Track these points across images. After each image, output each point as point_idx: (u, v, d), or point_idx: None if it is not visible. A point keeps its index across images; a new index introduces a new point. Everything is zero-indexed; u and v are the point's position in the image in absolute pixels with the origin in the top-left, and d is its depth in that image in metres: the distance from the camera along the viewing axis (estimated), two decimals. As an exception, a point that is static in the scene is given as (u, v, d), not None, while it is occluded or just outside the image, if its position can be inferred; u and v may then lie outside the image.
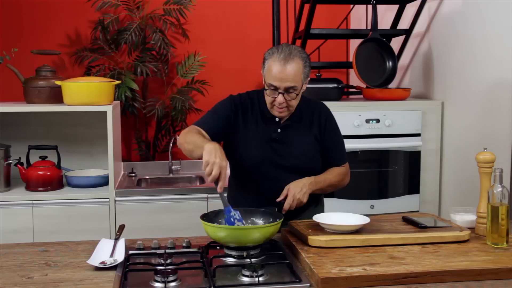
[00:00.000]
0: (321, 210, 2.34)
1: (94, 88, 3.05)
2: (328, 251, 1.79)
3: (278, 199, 2.07)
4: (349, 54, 4.34)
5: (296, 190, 2.06)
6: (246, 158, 2.17)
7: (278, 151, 2.16)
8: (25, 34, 3.95)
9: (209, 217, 1.94)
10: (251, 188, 2.20)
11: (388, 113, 3.08)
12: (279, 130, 2.17)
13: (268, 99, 2.10)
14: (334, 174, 2.24)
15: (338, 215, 2.03)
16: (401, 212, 2.79)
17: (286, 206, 2.05)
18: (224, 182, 1.86)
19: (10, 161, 3.08)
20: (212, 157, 1.83)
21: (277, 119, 2.17)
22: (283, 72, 2.01)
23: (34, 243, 2.05)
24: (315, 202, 2.28)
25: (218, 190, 1.85)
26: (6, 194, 3.01)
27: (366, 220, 1.95)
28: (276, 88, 2.04)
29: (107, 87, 3.09)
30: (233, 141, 2.19)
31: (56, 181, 3.10)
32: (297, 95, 2.07)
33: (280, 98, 2.05)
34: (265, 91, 2.10)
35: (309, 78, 2.13)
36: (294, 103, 2.10)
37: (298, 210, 2.13)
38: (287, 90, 2.04)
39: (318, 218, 1.98)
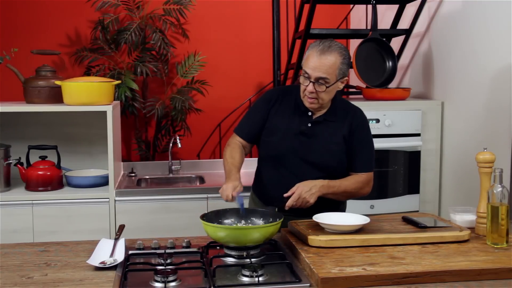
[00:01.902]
0: None
1: (94, 88, 3.05)
2: (328, 251, 1.79)
3: (286, 195, 2.07)
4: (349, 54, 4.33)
5: (305, 189, 2.05)
6: (273, 147, 2.20)
7: (305, 144, 2.17)
8: (25, 34, 3.95)
9: (209, 217, 1.94)
10: (273, 178, 2.22)
11: (388, 113, 3.08)
12: (309, 125, 2.18)
13: (301, 87, 2.14)
14: (352, 182, 2.19)
15: (338, 215, 2.03)
16: (401, 212, 2.79)
17: (290, 202, 2.05)
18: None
19: (10, 161, 3.08)
20: (224, 192, 2.04)
21: (309, 113, 2.18)
22: (318, 61, 2.05)
23: (34, 243, 2.04)
24: (333, 209, 2.19)
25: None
26: (6, 194, 3.01)
27: (366, 220, 1.95)
28: (308, 76, 2.07)
29: (107, 87, 3.09)
30: (266, 128, 2.22)
31: (56, 181, 3.10)
32: (327, 87, 2.07)
33: (310, 87, 2.08)
34: (299, 78, 2.13)
35: (346, 78, 2.14)
36: (325, 96, 2.11)
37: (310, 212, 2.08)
38: (317, 80, 2.06)
39: (318, 218, 1.98)
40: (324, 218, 1.98)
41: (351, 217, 2.00)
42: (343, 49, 2.10)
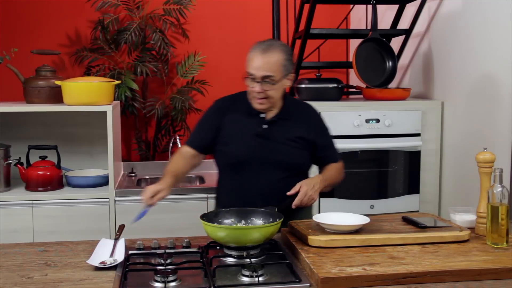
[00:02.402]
0: (310, 210, 2.34)
1: (94, 88, 3.05)
2: (328, 251, 1.79)
3: (289, 193, 2.06)
4: (349, 54, 4.34)
5: (309, 187, 2.07)
6: (232, 155, 2.19)
7: (263, 146, 2.16)
8: (25, 34, 3.95)
9: (209, 217, 1.94)
10: (237, 185, 2.20)
11: (388, 113, 3.07)
12: (265, 126, 2.18)
13: (248, 89, 2.14)
14: (335, 171, 2.27)
15: (338, 215, 2.03)
16: (401, 212, 2.79)
17: (297, 201, 2.05)
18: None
19: (10, 161, 3.08)
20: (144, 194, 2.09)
21: (262, 115, 2.18)
22: (261, 60, 2.06)
23: (34, 243, 2.05)
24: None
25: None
26: (6, 194, 3.01)
27: (366, 220, 1.95)
28: (254, 77, 2.08)
29: (107, 87, 3.09)
30: (220, 138, 2.21)
31: (56, 181, 3.10)
32: (273, 85, 2.09)
33: (257, 87, 2.08)
34: (245, 81, 2.13)
35: (292, 75, 2.16)
36: (273, 94, 2.11)
37: (291, 210, 2.12)
38: (264, 79, 2.07)
39: (318, 218, 1.98)
40: (324, 218, 1.98)
41: (351, 217, 2.01)
42: (285, 46, 2.13)
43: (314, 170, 2.36)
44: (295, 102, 2.30)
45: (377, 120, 3.06)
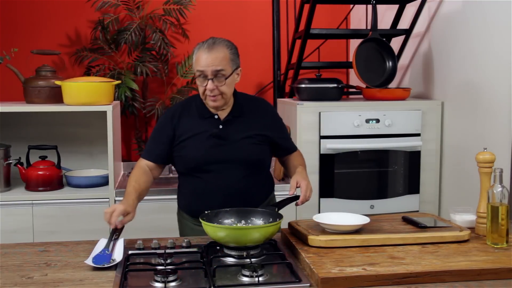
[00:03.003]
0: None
1: (94, 88, 3.05)
2: (328, 251, 1.79)
3: (291, 193, 2.05)
4: (349, 54, 4.34)
5: (306, 181, 2.09)
6: (190, 159, 2.16)
7: (221, 146, 2.15)
8: (25, 34, 3.95)
9: (209, 217, 1.94)
10: (200, 189, 2.18)
11: (388, 113, 3.07)
12: (220, 126, 2.17)
13: (200, 90, 2.11)
14: (302, 160, 2.31)
15: (338, 215, 2.03)
16: (401, 212, 2.80)
17: (304, 198, 2.05)
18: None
19: (10, 161, 3.08)
20: (107, 213, 1.96)
21: (216, 116, 2.17)
22: (209, 57, 2.05)
23: (34, 243, 2.05)
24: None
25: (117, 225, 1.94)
26: (6, 194, 3.01)
27: (366, 220, 1.95)
28: (205, 74, 2.07)
29: (107, 87, 3.09)
30: (176, 145, 2.18)
31: (56, 181, 3.10)
32: (226, 79, 2.08)
33: (210, 85, 2.07)
34: (197, 81, 2.11)
35: (240, 69, 2.16)
36: (226, 89, 2.10)
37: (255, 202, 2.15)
38: (215, 75, 2.06)
39: (318, 218, 1.98)
40: (324, 218, 1.98)
41: (351, 217, 2.00)
42: (228, 41, 2.14)
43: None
44: (246, 97, 2.27)
45: (377, 120, 3.06)
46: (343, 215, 2.03)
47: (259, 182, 2.23)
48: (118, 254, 1.82)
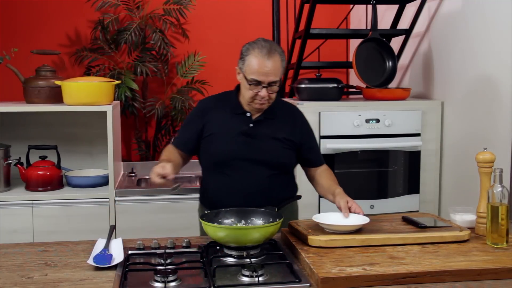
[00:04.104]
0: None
1: (94, 88, 3.05)
2: (328, 251, 1.79)
3: (346, 215, 2.02)
4: (349, 54, 4.34)
5: (354, 202, 2.07)
6: (216, 153, 2.18)
7: (249, 144, 2.16)
8: (25, 34, 3.95)
9: (209, 217, 1.94)
10: (222, 184, 2.19)
11: (388, 113, 3.07)
12: (251, 125, 2.18)
13: (249, 94, 2.11)
14: (331, 175, 2.30)
15: (338, 215, 2.03)
16: (401, 212, 2.79)
17: (359, 210, 2.04)
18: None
19: (10, 161, 3.08)
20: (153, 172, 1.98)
21: (248, 114, 2.19)
22: (267, 66, 2.05)
23: (34, 243, 2.05)
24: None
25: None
26: (6, 194, 3.01)
27: (366, 220, 1.95)
28: (259, 83, 2.07)
29: (107, 87, 3.09)
30: (204, 138, 2.20)
31: (56, 181, 3.10)
32: (277, 88, 2.11)
33: (263, 92, 2.08)
34: (246, 86, 2.11)
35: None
36: (274, 96, 2.14)
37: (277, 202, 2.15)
38: (270, 84, 2.07)
39: (318, 218, 1.98)
40: (323, 218, 1.98)
41: (351, 217, 2.00)
42: (279, 46, 2.14)
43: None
44: (280, 102, 2.29)
45: (377, 120, 3.06)
46: (342, 215, 2.02)
47: (282, 184, 2.23)
48: (118, 254, 1.82)
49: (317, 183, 2.30)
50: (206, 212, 1.97)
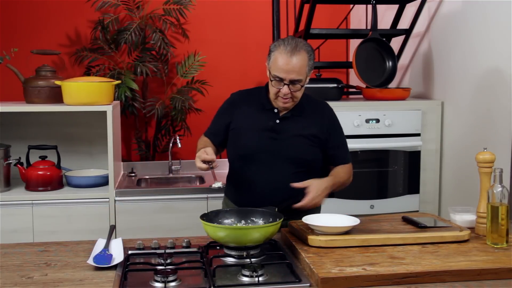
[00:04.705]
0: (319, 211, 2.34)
1: (94, 88, 3.05)
2: (328, 251, 1.79)
3: (296, 185, 2.05)
4: (349, 54, 4.34)
5: (316, 193, 2.06)
6: (242, 146, 2.20)
7: (275, 140, 2.17)
8: (25, 34, 3.95)
9: (209, 217, 1.94)
10: (249, 178, 2.21)
11: (388, 113, 3.08)
12: (277, 121, 2.19)
13: (273, 90, 2.13)
14: (344, 173, 2.27)
15: (327, 216, 2.01)
16: (401, 212, 2.79)
17: (301, 205, 2.05)
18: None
19: (10, 161, 3.08)
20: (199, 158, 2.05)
21: (275, 110, 2.19)
22: (289, 64, 2.05)
23: (34, 243, 2.05)
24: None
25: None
26: (6, 194, 3.01)
27: (356, 221, 1.93)
28: (281, 80, 2.07)
29: (107, 87, 3.09)
30: (233, 131, 2.23)
31: (56, 181, 3.10)
32: (302, 86, 2.11)
33: (285, 89, 2.08)
34: (270, 82, 2.13)
35: (312, 71, 2.17)
36: (299, 94, 2.14)
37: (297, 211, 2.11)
38: (292, 82, 2.07)
39: (307, 219, 1.96)
40: (313, 219, 1.96)
41: (340, 218, 1.98)
42: (307, 45, 2.12)
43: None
44: (310, 99, 2.28)
45: (377, 120, 3.06)
46: (333, 216, 2.01)
47: None
48: (118, 254, 1.82)
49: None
50: (206, 212, 1.97)
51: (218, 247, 1.89)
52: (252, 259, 1.76)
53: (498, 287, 1.61)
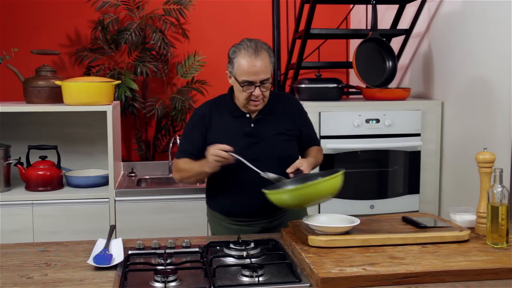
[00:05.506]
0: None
1: (94, 88, 3.05)
2: (328, 251, 1.79)
3: (289, 170, 2.06)
4: (349, 54, 4.34)
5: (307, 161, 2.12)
6: None
7: (254, 144, 2.17)
8: (25, 34, 3.95)
9: (271, 188, 1.96)
10: (237, 186, 2.20)
11: (388, 113, 3.07)
12: (252, 125, 2.19)
13: (243, 95, 2.12)
14: (316, 153, 2.32)
15: (328, 216, 2.01)
16: (401, 212, 2.79)
17: (294, 166, 2.07)
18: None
19: (10, 161, 3.08)
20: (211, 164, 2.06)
21: (247, 115, 2.20)
22: (256, 65, 2.05)
23: (34, 243, 2.05)
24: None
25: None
26: (6, 194, 3.01)
27: (356, 221, 1.93)
28: (251, 83, 2.07)
29: (107, 87, 3.09)
30: (209, 143, 2.16)
31: (56, 181, 3.10)
32: (270, 84, 2.12)
33: (257, 91, 2.09)
34: (239, 88, 2.11)
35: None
36: (267, 94, 2.15)
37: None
38: (262, 82, 2.08)
39: (308, 219, 1.95)
40: (314, 220, 1.96)
41: (341, 219, 1.98)
42: (265, 43, 2.14)
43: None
44: (273, 94, 2.27)
45: (377, 120, 3.06)
46: (333, 216, 2.01)
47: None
48: (118, 254, 1.82)
49: (303, 157, 2.31)
50: (268, 186, 1.98)
51: (218, 247, 1.89)
52: (252, 259, 1.76)
53: (498, 287, 1.61)
